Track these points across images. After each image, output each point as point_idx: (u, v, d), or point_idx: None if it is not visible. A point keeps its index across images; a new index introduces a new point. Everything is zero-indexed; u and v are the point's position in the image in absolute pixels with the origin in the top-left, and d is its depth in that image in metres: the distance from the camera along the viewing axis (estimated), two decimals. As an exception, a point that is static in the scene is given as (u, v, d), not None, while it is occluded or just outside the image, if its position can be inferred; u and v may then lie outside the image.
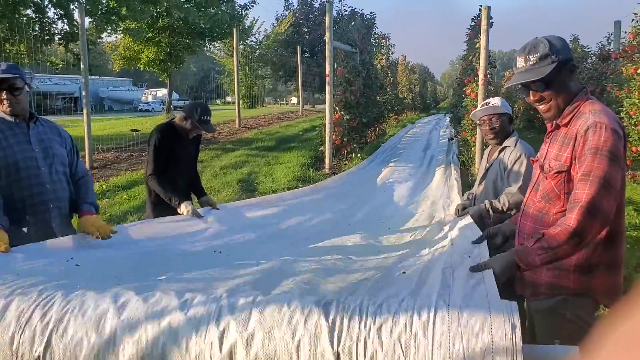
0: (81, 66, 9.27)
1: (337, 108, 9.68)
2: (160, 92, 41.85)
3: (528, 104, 2.73)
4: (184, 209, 3.18)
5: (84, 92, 9.47)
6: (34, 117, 2.75)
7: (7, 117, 2.63)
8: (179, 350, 1.36)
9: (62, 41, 12.87)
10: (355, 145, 10.17)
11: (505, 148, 3.21)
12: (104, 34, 15.78)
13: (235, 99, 15.98)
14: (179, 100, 37.37)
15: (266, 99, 48.42)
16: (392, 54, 18.05)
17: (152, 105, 39.44)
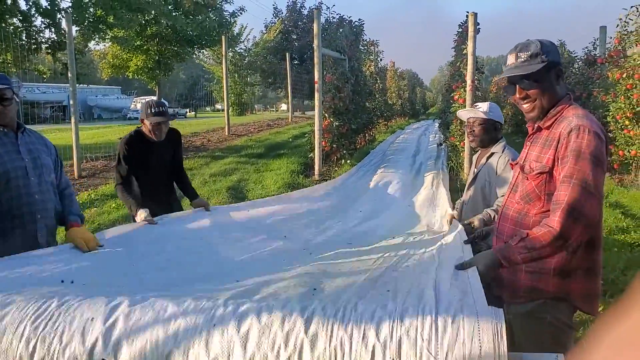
0: (69, 75, 9.24)
1: (326, 115, 9.70)
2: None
3: (517, 108, 2.76)
4: (139, 217, 3.17)
5: (72, 101, 9.41)
6: (21, 127, 2.73)
7: None
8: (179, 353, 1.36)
9: (50, 50, 12.81)
10: (344, 152, 10.18)
11: (493, 154, 3.23)
12: (92, 43, 15.74)
13: (225, 106, 15.99)
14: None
15: (256, 106, 48.51)
16: (381, 60, 18.19)
17: (142, 113, 39.19)
